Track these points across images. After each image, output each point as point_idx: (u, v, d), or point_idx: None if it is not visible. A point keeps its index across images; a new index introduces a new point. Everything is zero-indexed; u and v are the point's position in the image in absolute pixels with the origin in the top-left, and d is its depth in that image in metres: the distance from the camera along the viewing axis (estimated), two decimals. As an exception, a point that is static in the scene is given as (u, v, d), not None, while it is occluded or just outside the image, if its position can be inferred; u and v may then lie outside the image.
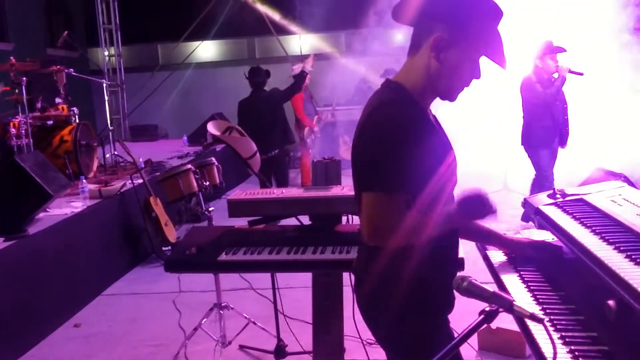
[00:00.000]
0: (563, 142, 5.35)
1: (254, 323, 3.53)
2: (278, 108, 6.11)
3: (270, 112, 5.98)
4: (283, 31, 11.62)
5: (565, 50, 5.11)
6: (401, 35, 11.21)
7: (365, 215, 1.56)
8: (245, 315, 3.57)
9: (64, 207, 4.62)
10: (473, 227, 1.93)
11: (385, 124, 1.54)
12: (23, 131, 5.50)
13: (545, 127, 5.20)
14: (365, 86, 10.51)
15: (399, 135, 1.52)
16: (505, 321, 2.94)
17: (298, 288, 4.10)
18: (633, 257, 1.57)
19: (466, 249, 2.40)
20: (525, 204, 2.36)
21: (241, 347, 3.48)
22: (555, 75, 5.10)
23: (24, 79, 5.66)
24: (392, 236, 1.52)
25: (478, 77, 1.60)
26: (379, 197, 1.53)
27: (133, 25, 11.37)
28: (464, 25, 1.54)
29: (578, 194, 2.24)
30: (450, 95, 1.63)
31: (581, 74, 5.06)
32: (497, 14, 1.57)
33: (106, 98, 8.04)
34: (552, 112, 5.16)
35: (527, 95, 5.21)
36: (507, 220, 5.51)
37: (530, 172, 5.67)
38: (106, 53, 10.88)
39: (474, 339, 3.23)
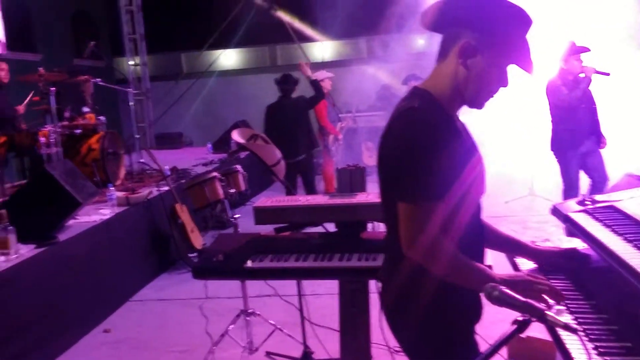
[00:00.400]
0: (600, 143, 5.20)
1: (280, 330, 3.55)
2: (305, 114, 6.36)
3: (297, 118, 6.22)
4: (304, 38, 11.69)
5: (590, 50, 5.02)
6: (423, 41, 11.20)
7: (402, 226, 1.55)
8: (272, 322, 3.59)
9: (92, 215, 4.71)
10: (500, 238, 1.91)
11: (414, 132, 1.53)
12: (52, 140, 5.62)
13: (571, 130, 5.10)
14: (388, 92, 10.50)
15: (429, 142, 1.50)
16: (534, 329, 2.91)
17: (323, 295, 4.11)
18: (667, 265, 1.54)
19: (494, 256, 2.38)
20: (554, 211, 2.33)
21: (268, 353, 3.50)
22: (582, 75, 5.03)
23: (53, 89, 5.79)
24: (430, 247, 1.51)
25: (506, 85, 1.59)
26: (413, 208, 1.52)
27: (157, 35, 11.56)
28: (492, 32, 1.54)
29: (608, 201, 2.21)
30: (477, 103, 1.62)
31: (607, 74, 4.96)
32: (527, 21, 1.55)
33: (132, 107, 8.16)
34: (577, 114, 5.06)
35: (553, 99, 5.14)
36: (533, 227, 5.45)
37: (557, 178, 5.59)
38: (131, 62, 11.07)
39: (503, 348, 3.19)
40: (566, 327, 1.21)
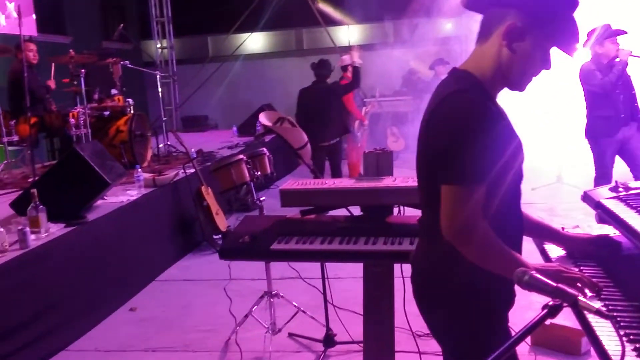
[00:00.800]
0: None
1: (304, 312, 3.57)
2: (339, 99, 6.56)
3: (331, 103, 6.40)
4: (331, 22, 11.61)
5: (626, 32, 4.82)
6: (450, 25, 11.02)
7: (444, 207, 1.53)
8: (295, 303, 3.61)
9: (120, 195, 4.78)
10: (531, 223, 1.89)
11: (463, 114, 1.51)
12: (82, 121, 5.71)
13: (606, 117, 4.87)
14: (414, 77, 10.38)
15: (476, 124, 1.49)
16: (559, 317, 2.88)
17: (346, 279, 4.12)
18: (703, 253, 1.50)
19: (523, 244, 2.35)
20: (585, 197, 2.29)
21: (290, 334, 3.53)
22: (618, 60, 4.82)
23: (83, 71, 5.86)
24: (467, 229, 1.50)
25: (549, 67, 1.56)
26: (457, 189, 1.50)
27: (184, 18, 11.61)
28: (538, 13, 1.50)
29: (642, 188, 2.16)
30: (520, 85, 1.60)
31: None
32: (573, 2, 1.52)
33: (159, 89, 8.23)
34: (613, 100, 4.82)
35: (586, 84, 4.92)
36: (561, 214, 5.37)
37: (586, 166, 5.48)
38: (159, 45, 11.15)
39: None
40: (599, 312, 1.19)
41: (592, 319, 1.51)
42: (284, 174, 8.00)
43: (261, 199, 3.55)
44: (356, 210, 2.80)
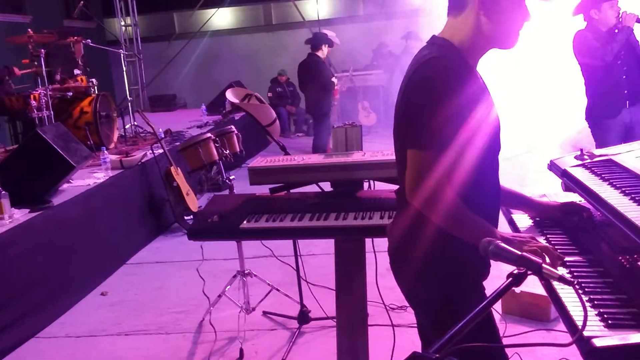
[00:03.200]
0: None
1: (277, 290, 3.56)
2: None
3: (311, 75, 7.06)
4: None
5: None
6: (420, -3, 10.96)
7: (408, 172, 1.55)
8: (268, 282, 3.60)
9: (86, 178, 4.67)
10: (503, 192, 1.90)
11: (434, 79, 1.52)
12: (43, 103, 5.54)
13: (606, 93, 4.07)
14: (385, 50, 10.33)
15: (445, 90, 1.50)
16: (529, 285, 2.93)
17: (319, 255, 4.12)
18: (665, 217, 1.52)
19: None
20: (552, 166, 2.30)
21: (265, 313, 3.52)
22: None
23: (43, 50, 5.67)
24: (432, 194, 1.51)
25: (529, 18, 1.58)
26: (420, 154, 1.52)
27: (149, -6, 11.30)
28: None
29: (606, 155, 2.17)
30: (509, 43, 1.62)
31: None
32: None
33: (124, 68, 8.02)
34: (614, 74, 4.01)
35: (583, 56, 4.09)
36: (530, 184, 5.44)
37: (557, 135, 5.51)
38: (122, 23, 10.83)
39: (497, 303, 3.22)
40: (561, 279, 1.19)
41: (558, 286, 1.53)
42: (256, 152, 7.93)
43: (231, 177, 3.50)
44: (327, 187, 2.78)
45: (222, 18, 12.35)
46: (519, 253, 1.30)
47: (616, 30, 3.93)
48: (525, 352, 2.56)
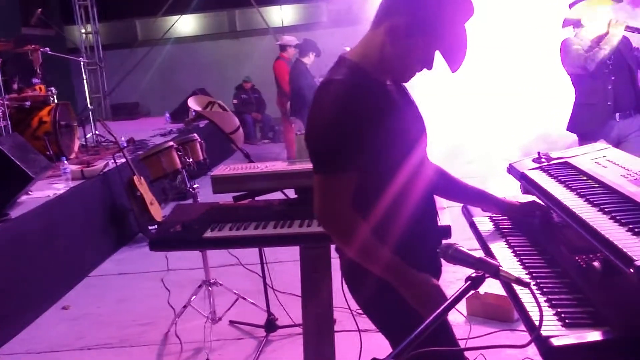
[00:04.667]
0: None
1: (244, 298, 3.53)
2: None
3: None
4: (264, 2, 11.43)
5: (621, 1, 3.90)
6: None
7: (315, 199, 1.54)
8: (235, 291, 3.57)
9: (46, 190, 4.56)
10: (464, 187, 1.94)
11: (331, 102, 1.49)
12: (0, 114, 5.38)
13: (591, 104, 3.78)
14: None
15: (343, 113, 1.47)
16: (493, 287, 2.97)
17: (286, 262, 4.10)
18: (617, 218, 1.56)
19: (453, 216, 2.40)
20: (510, 169, 2.35)
21: (231, 322, 3.49)
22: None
23: (-1, 59, 5.52)
24: (342, 224, 1.52)
25: (430, 68, 1.56)
26: (323, 180, 1.51)
27: (109, 1, 11.11)
28: (423, 19, 1.48)
29: (563, 157, 2.23)
30: (401, 77, 1.61)
31: None
32: (467, 11, 1.50)
33: (85, 77, 7.87)
34: (600, 84, 3.74)
35: (568, 65, 3.82)
36: (491, 187, 5.53)
37: (518, 138, 5.61)
38: (83, 30, 10.64)
39: (462, 305, 3.26)
40: (518, 281, 1.22)
41: (517, 287, 1.56)
42: (222, 160, 7.86)
43: (194, 186, 3.46)
44: (292, 194, 2.77)
45: (185, 25, 12.25)
46: (477, 256, 1.32)
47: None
48: (489, 353, 2.60)
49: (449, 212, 2.49)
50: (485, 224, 2.14)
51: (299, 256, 2.63)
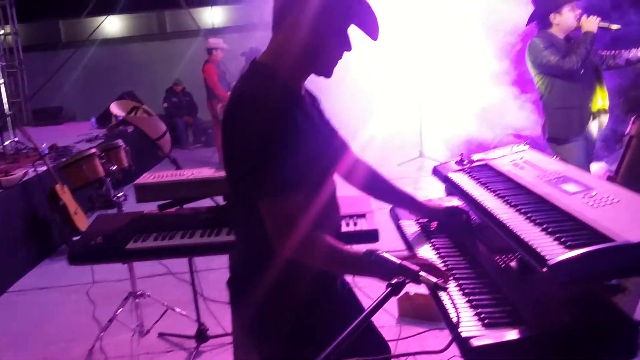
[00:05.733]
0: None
1: (173, 309, 3.43)
2: None
3: None
4: (194, 3, 11.22)
5: None
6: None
7: (268, 224, 1.43)
8: (164, 302, 3.46)
9: (-43, 201, 4.26)
10: (392, 188, 1.94)
11: (257, 123, 1.39)
12: None
13: (568, 108, 3.57)
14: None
15: (274, 130, 1.38)
16: (423, 287, 3.02)
17: (218, 270, 4.02)
18: (532, 218, 1.61)
19: (381, 219, 2.42)
20: (435, 172, 2.39)
21: (160, 334, 3.37)
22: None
23: None
24: (303, 240, 1.42)
25: (349, 49, 1.52)
26: (277, 204, 1.41)
27: (30, 1, 10.57)
28: (327, 1, 1.44)
29: (484, 159, 2.28)
30: (325, 70, 1.53)
31: (617, 27, 3.51)
32: None
33: (2, 80, 7.44)
34: (579, 86, 3.53)
35: (543, 66, 3.56)
36: (423, 187, 5.66)
37: (446, 140, 5.75)
38: (1, 32, 10.05)
39: (393, 307, 3.30)
40: (436, 286, 1.23)
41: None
42: (153, 166, 7.65)
43: (119, 194, 3.33)
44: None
45: (113, 26, 11.84)
46: (398, 262, 1.33)
47: (572, 40, 3.58)
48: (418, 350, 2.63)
49: (376, 215, 2.52)
50: (411, 226, 2.16)
51: (229, 264, 2.58)
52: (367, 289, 2.71)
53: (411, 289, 3.05)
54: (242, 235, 1.64)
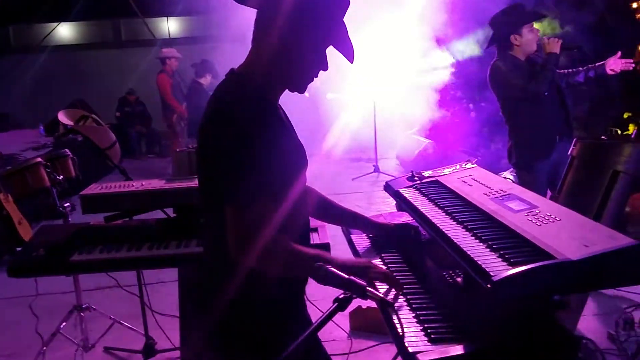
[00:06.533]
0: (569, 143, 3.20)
1: (120, 323, 3.33)
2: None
3: None
4: (149, 13, 11.08)
5: (545, 16, 3.68)
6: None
7: (230, 231, 1.42)
8: (110, 315, 3.36)
9: None
10: (340, 210, 1.96)
11: (233, 129, 1.41)
12: None
13: (535, 131, 3.54)
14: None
15: (249, 139, 1.40)
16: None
17: (169, 282, 3.93)
18: (478, 234, 1.64)
19: (332, 233, 2.43)
20: (387, 187, 2.42)
21: (106, 349, 3.27)
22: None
23: None
24: (266, 249, 1.42)
25: (325, 68, 1.55)
26: (245, 211, 1.40)
27: (-23, 4, 10.22)
28: (308, 17, 1.48)
29: (434, 176, 2.33)
30: (298, 87, 1.56)
31: (579, 47, 3.61)
32: (344, 3, 1.52)
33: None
34: (545, 107, 3.51)
35: (507, 90, 3.56)
36: (376, 202, 5.72)
37: (400, 155, 5.84)
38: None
39: (344, 321, 3.30)
40: (382, 301, 1.23)
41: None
42: (102, 177, 7.44)
43: (65, 205, 3.23)
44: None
45: (65, 32, 11.56)
46: (346, 277, 1.33)
47: (533, 62, 3.56)
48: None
49: (328, 228, 2.53)
50: (362, 241, 2.18)
51: (177, 277, 2.53)
52: (319, 303, 2.70)
53: (364, 302, 3.07)
54: (211, 244, 1.61)
